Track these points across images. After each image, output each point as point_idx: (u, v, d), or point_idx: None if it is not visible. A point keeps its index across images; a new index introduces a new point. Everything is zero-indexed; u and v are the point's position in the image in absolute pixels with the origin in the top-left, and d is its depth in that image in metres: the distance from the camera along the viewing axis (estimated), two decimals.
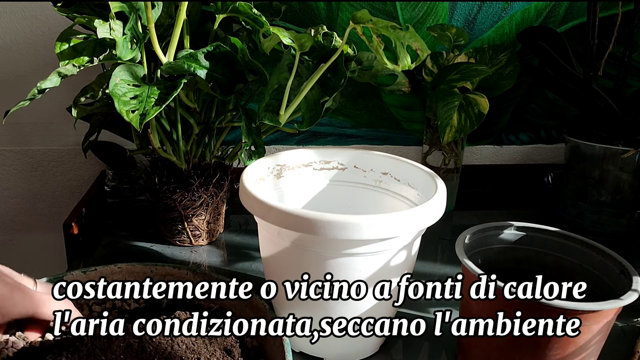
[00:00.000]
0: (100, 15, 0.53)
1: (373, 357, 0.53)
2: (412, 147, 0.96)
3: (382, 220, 0.43)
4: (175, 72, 0.56)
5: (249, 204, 0.48)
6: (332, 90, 0.58)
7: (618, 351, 0.54)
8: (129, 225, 0.79)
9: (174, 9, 0.60)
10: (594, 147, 0.75)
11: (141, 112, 0.52)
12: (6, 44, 0.83)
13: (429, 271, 0.69)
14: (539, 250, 0.53)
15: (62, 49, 0.54)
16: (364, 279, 0.46)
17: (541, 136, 0.98)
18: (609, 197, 0.76)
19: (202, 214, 0.71)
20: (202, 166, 0.70)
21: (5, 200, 0.93)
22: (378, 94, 0.91)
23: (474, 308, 0.46)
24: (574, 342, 0.42)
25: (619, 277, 0.46)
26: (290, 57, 0.60)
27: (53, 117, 0.88)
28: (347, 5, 0.85)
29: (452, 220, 0.86)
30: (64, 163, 0.91)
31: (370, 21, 0.54)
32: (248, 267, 0.69)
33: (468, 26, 0.88)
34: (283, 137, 0.93)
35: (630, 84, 0.91)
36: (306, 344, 0.52)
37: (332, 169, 0.62)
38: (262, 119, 0.59)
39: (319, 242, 0.44)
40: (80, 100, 0.61)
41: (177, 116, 0.65)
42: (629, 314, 0.59)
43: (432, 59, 0.83)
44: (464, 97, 0.73)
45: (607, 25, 0.83)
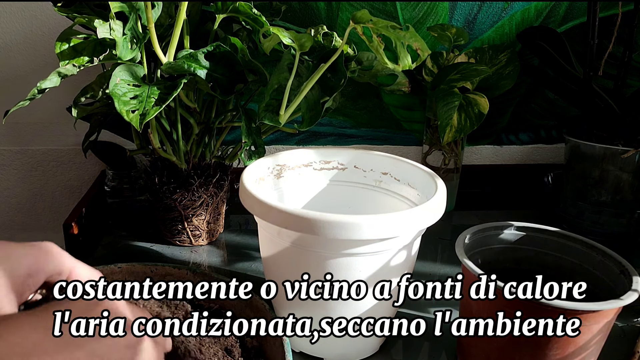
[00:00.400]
0: (100, 15, 0.53)
1: (373, 357, 0.53)
2: (412, 147, 0.96)
3: (382, 220, 0.43)
4: (175, 72, 0.56)
5: (249, 204, 0.48)
6: (332, 90, 0.58)
7: (618, 351, 0.54)
8: (129, 225, 0.79)
9: (174, 9, 0.60)
10: (594, 147, 0.75)
11: (141, 112, 0.52)
12: (6, 44, 0.83)
13: (429, 271, 0.69)
14: (539, 250, 0.53)
15: (62, 49, 0.54)
16: (364, 279, 0.46)
17: (541, 136, 0.98)
18: (609, 197, 0.76)
19: (202, 214, 0.71)
20: (202, 166, 0.70)
21: (5, 200, 0.93)
22: (378, 94, 0.91)
23: (474, 308, 0.46)
24: (574, 342, 0.42)
25: (619, 277, 0.46)
26: (290, 57, 0.60)
27: (53, 117, 0.88)
28: (347, 5, 0.85)
29: (452, 220, 0.86)
30: (64, 163, 0.91)
31: (370, 21, 0.54)
32: (248, 267, 0.69)
33: (468, 26, 0.88)
34: (283, 137, 0.93)
35: (630, 84, 0.91)
36: (306, 344, 0.52)
37: (332, 169, 0.62)
38: (262, 119, 0.59)
39: (319, 242, 0.44)
40: (80, 100, 0.61)
41: (177, 116, 0.65)
42: (629, 314, 0.59)
43: (432, 59, 0.83)
44: (464, 97, 0.73)
45: (607, 25, 0.83)
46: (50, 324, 0.29)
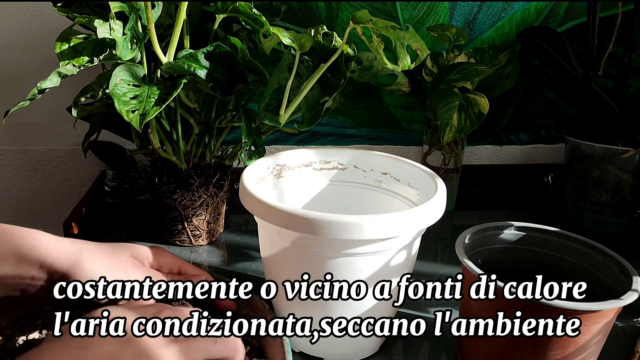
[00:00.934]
0: (100, 15, 0.53)
1: (373, 357, 0.53)
2: (412, 147, 0.96)
3: (382, 220, 0.43)
4: (175, 72, 0.56)
5: (249, 204, 0.48)
6: (332, 90, 0.58)
7: (618, 351, 0.54)
8: (129, 225, 0.79)
9: (174, 9, 0.60)
10: (594, 147, 0.75)
11: (141, 112, 0.52)
12: (6, 44, 0.83)
13: (429, 271, 0.69)
14: (539, 250, 0.53)
15: (62, 49, 0.54)
16: (364, 279, 0.46)
17: (541, 136, 0.98)
18: (609, 197, 0.76)
19: (202, 214, 0.71)
20: (202, 166, 0.70)
21: (5, 200, 0.93)
22: (378, 94, 0.91)
23: (474, 308, 0.46)
24: (574, 342, 0.42)
25: (619, 277, 0.46)
26: (290, 57, 0.60)
27: (53, 117, 0.88)
28: (347, 5, 0.85)
29: (452, 220, 0.86)
30: (64, 163, 0.91)
31: (370, 21, 0.54)
32: (248, 267, 0.69)
33: (468, 26, 0.88)
34: (283, 137, 0.93)
35: (630, 84, 0.91)
36: (306, 344, 0.51)
37: (332, 169, 0.62)
38: (262, 119, 0.59)
39: (319, 242, 0.44)
40: (80, 100, 0.61)
41: (177, 116, 0.65)
42: (629, 314, 0.59)
43: (432, 59, 0.83)
44: (464, 97, 0.73)
45: (607, 25, 0.83)
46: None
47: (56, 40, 0.54)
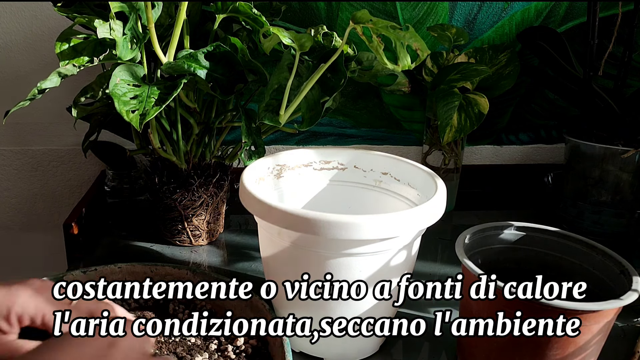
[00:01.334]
0: (100, 15, 0.53)
1: (373, 357, 0.53)
2: (412, 147, 0.96)
3: (382, 220, 0.43)
4: (175, 72, 0.56)
5: (249, 204, 0.48)
6: (332, 90, 0.58)
7: (618, 351, 0.54)
8: (129, 225, 0.79)
9: (174, 9, 0.60)
10: (594, 147, 0.75)
11: (141, 112, 0.52)
12: (6, 44, 0.83)
13: (429, 271, 0.69)
14: (539, 250, 0.53)
15: (62, 49, 0.54)
16: (364, 279, 0.46)
17: (541, 136, 0.98)
18: (609, 197, 0.76)
19: (202, 214, 0.71)
20: (202, 166, 0.70)
21: (5, 200, 0.93)
22: (378, 94, 0.91)
23: (474, 308, 0.46)
24: (574, 342, 0.42)
25: (619, 277, 0.46)
26: (290, 57, 0.60)
27: (53, 117, 0.88)
28: (347, 5, 0.85)
29: (452, 220, 0.86)
30: (64, 163, 0.91)
31: (370, 21, 0.54)
32: (248, 267, 0.69)
33: (468, 26, 0.88)
34: (283, 137, 0.93)
35: (630, 84, 0.91)
36: (306, 344, 0.52)
37: (332, 169, 0.62)
38: (262, 119, 0.59)
39: (319, 242, 0.44)
40: (80, 100, 0.61)
41: (177, 116, 0.65)
42: (629, 314, 0.59)
43: (432, 59, 0.83)
44: (464, 97, 0.73)
45: (607, 25, 0.83)
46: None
47: (56, 40, 0.54)
